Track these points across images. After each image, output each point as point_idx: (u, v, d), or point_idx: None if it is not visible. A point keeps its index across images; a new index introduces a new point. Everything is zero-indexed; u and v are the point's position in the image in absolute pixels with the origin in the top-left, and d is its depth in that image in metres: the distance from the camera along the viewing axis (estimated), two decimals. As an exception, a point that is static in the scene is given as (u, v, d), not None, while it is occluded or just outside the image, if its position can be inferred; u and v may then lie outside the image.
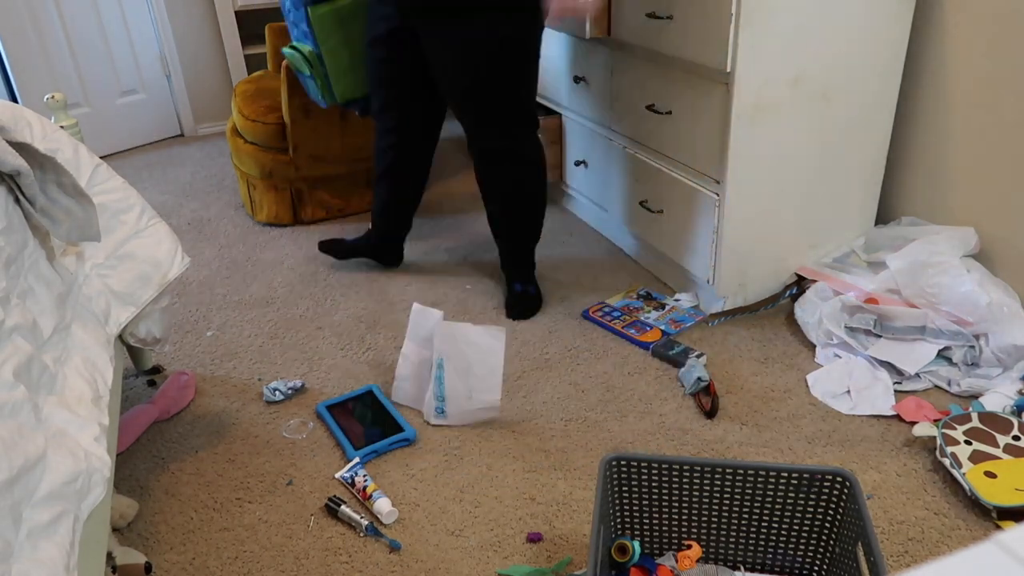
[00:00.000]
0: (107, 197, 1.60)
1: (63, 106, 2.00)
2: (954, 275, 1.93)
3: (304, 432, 1.86)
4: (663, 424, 1.83)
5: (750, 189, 2.04)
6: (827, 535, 1.33)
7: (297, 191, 2.93)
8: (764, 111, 1.95)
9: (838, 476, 1.28)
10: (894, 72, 2.11)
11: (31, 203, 1.34)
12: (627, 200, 2.46)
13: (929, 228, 2.15)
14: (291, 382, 1.99)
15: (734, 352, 2.08)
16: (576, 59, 2.62)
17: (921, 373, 1.90)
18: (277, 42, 3.37)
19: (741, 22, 1.82)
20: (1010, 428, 1.66)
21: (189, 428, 1.89)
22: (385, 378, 2.03)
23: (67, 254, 1.49)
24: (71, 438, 1.16)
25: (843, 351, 1.99)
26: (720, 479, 1.32)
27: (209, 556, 1.53)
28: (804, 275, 2.22)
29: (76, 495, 1.09)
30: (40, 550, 0.99)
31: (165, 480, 1.73)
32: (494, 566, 1.48)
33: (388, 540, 1.54)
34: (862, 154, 2.17)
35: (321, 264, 2.66)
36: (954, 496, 1.58)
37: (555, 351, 2.12)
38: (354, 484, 1.65)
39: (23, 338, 1.18)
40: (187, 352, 2.19)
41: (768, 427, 1.80)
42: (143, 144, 4.01)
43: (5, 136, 1.32)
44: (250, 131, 2.85)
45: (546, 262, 2.59)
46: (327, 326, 2.29)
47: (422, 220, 2.96)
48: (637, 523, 1.41)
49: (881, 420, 1.80)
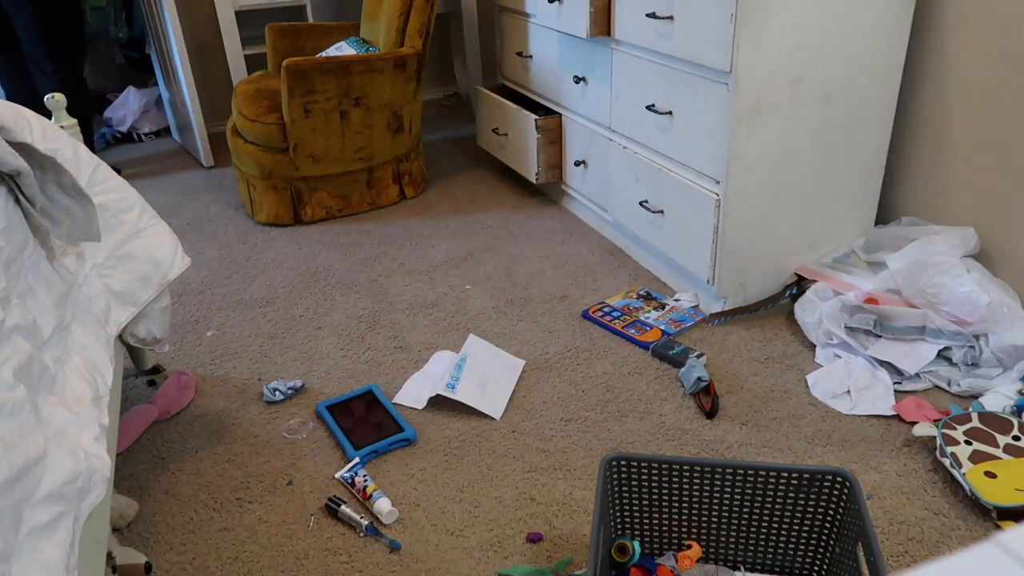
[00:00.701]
0: (107, 197, 1.60)
1: (63, 106, 2.00)
2: (954, 275, 1.93)
3: (304, 432, 1.86)
4: (663, 424, 1.83)
5: (750, 189, 2.04)
6: (827, 535, 1.33)
7: (297, 191, 2.93)
8: (764, 111, 1.95)
9: (838, 476, 1.28)
10: (894, 72, 2.11)
11: (31, 203, 1.34)
12: (627, 200, 2.46)
13: (929, 228, 2.15)
14: (291, 382, 1.99)
15: (734, 352, 2.08)
16: (576, 59, 2.62)
17: (921, 373, 1.90)
18: (277, 42, 3.37)
19: (741, 22, 1.82)
20: (1010, 428, 1.66)
21: (189, 428, 1.89)
22: (385, 378, 2.04)
23: (67, 254, 1.48)
24: (71, 438, 1.16)
25: (843, 351, 1.99)
26: (720, 479, 1.32)
27: (209, 556, 1.53)
28: (804, 275, 2.22)
29: (76, 495, 1.09)
30: (40, 550, 0.99)
31: (165, 480, 1.73)
32: (494, 566, 1.48)
33: (388, 540, 1.54)
34: (862, 154, 2.17)
35: (321, 264, 2.66)
36: (954, 496, 1.58)
37: (555, 351, 2.12)
38: (354, 484, 1.65)
39: (23, 338, 1.18)
40: (187, 352, 2.19)
41: (768, 427, 1.80)
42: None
43: (5, 136, 1.32)
44: (250, 131, 2.85)
45: (546, 262, 2.59)
46: (327, 326, 2.29)
47: (422, 220, 2.96)
48: (637, 523, 1.41)
49: (881, 420, 1.80)
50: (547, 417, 1.87)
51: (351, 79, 2.81)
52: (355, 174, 3.00)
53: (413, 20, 2.96)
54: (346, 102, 2.84)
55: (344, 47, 3.15)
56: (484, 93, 3.23)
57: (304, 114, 2.79)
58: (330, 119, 2.84)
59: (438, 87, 4.60)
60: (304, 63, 2.73)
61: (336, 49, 3.15)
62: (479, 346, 2.08)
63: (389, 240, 2.81)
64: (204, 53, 3.99)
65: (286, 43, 3.38)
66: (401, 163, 3.11)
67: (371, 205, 3.08)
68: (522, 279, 2.49)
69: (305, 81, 2.74)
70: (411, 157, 3.15)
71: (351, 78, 2.81)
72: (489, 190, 3.20)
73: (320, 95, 2.78)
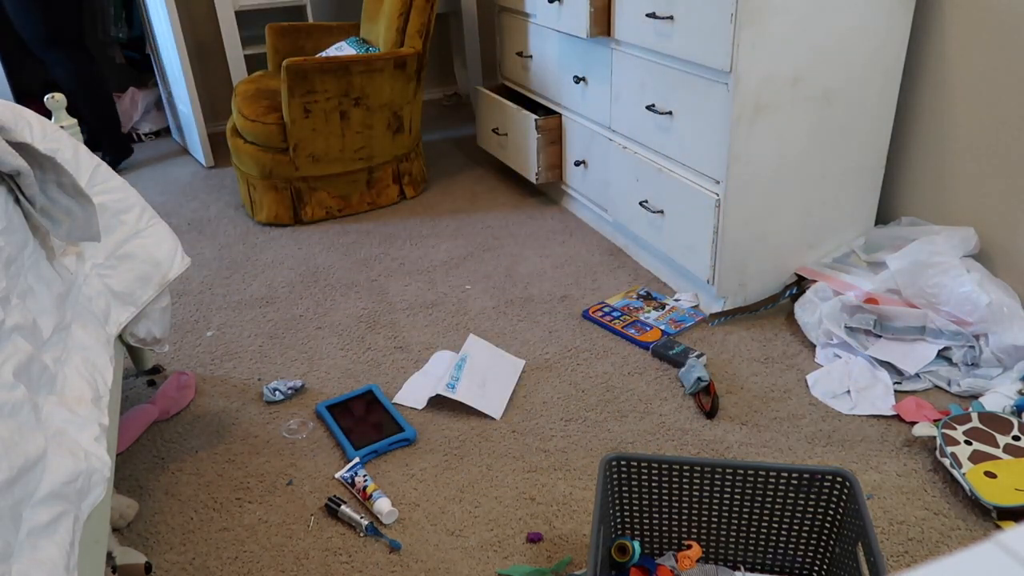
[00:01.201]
0: (107, 197, 1.60)
1: (63, 106, 2.00)
2: (954, 275, 1.93)
3: (304, 432, 1.86)
4: (663, 424, 1.83)
5: (750, 189, 2.04)
6: (827, 535, 1.33)
7: (297, 191, 2.93)
8: (764, 111, 1.95)
9: (838, 476, 1.28)
10: (894, 72, 2.11)
11: (31, 203, 1.34)
12: (627, 200, 2.46)
13: (929, 228, 2.15)
14: (291, 382, 1.99)
15: (734, 352, 2.08)
16: (576, 59, 2.62)
17: (921, 373, 1.90)
18: (277, 42, 3.37)
19: (741, 22, 1.82)
20: (1010, 428, 1.66)
21: (189, 428, 1.89)
22: (385, 378, 2.04)
23: (67, 254, 1.48)
24: (71, 438, 1.16)
25: (843, 351, 1.99)
26: (720, 479, 1.32)
27: (209, 556, 1.53)
28: (804, 275, 2.22)
29: (76, 495, 1.09)
30: (40, 550, 0.99)
31: (165, 480, 1.73)
32: (494, 566, 1.48)
33: (388, 540, 1.54)
34: (862, 154, 2.17)
35: (321, 264, 2.66)
36: (954, 496, 1.58)
37: (555, 351, 2.12)
38: (354, 484, 1.65)
39: (23, 338, 1.18)
40: (187, 352, 2.19)
41: (768, 427, 1.80)
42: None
43: (5, 136, 1.32)
44: (250, 131, 2.85)
45: (546, 262, 2.59)
46: (327, 326, 2.29)
47: (422, 220, 2.96)
48: (637, 523, 1.41)
49: (881, 420, 1.80)
50: (547, 417, 1.87)
51: (351, 79, 2.81)
52: (355, 174, 3.00)
53: (413, 20, 2.96)
54: (346, 102, 2.84)
55: (344, 47, 3.15)
56: (484, 93, 3.23)
57: (304, 114, 2.79)
58: (330, 119, 2.84)
59: (438, 87, 4.60)
60: (304, 63, 2.73)
61: (336, 49, 3.15)
62: (479, 346, 2.08)
63: (389, 240, 2.81)
64: (204, 53, 3.99)
65: (286, 43, 3.38)
66: (401, 163, 3.11)
67: (371, 205, 3.08)
68: (522, 279, 2.50)
69: (305, 81, 2.74)
70: (411, 157, 3.15)
71: (351, 78, 2.81)
72: (489, 190, 3.20)
73: (320, 95, 2.78)
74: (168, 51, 3.49)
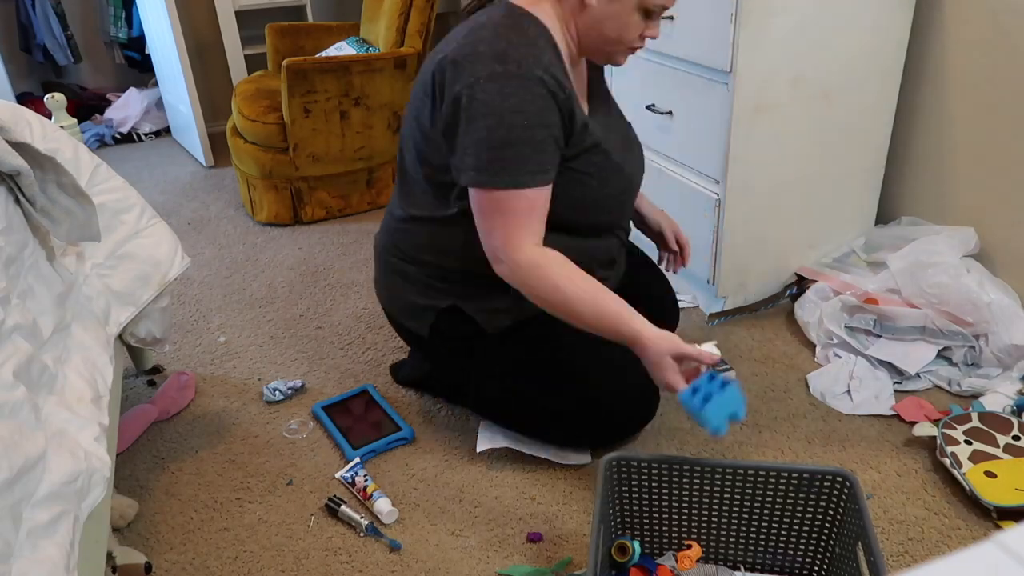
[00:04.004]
0: (107, 197, 1.60)
1: (63, 106, 2.00)
2: (954, 275, 1.93)
3: (304, 432, 1.86)
4: (663, 424, 1.83)
5: (750, 189, 2.04)
6: (827, 535, 1.33)
7: (297, 191, 2.93)
8: (764, 111, 1.95)
9: (838, 476, 1.27)
10: (894, 72, 2.11)
11: (31, 203, 1.34)
12: (627, 200, 2.46)
13: (929, 228, 2.15)
14: (291, 382, 1.99)
15: (734, 352, 2.08)
16: (576, 59, 2.61)
17: (921, 373, 1.90)
18: (277, 42, 3.38)
19: (741, 22, 1.82)
20: (1010, 428, 1.66)
21: (189, 428, 1.89)
22: (385, 378, 2.03)
23: (67, 254, 1.49)
24: (71, 438, 1.16)
25: (843, 351, 1.99)
26: (720, 479, 1.32)
27: (209, 556, 1.53)
28: (804, 275, 2.22)
29: (76, 495, 1.09)
30: (40, 550, 0.99)
31: (165, 480, 1.73)
32: (494, 566, 1.48)
33: (388, 540, 1.54)
34: (862, 154, 2.17)
35: (321, 264, 2.66)
36: (954, 496, 1.58)
37: (555, 351, 2.12)
38: (354, 484, 1.65)
39: (23, 338, 1.18)
40: (187, 352, 2.19)
41: (768, 427, 1.80)
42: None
43: (5, 136, 1.32)
44: (250, 131, 2.85)
45: (546, 262, 2.59)
46: (327, 326, 2.29)
47: (422, 220, 2.95)
48: (637, 523, 1.41)
49: (881, 420, 1.80)
50: (547, 417, 1.87)
51: (351, 79, 2.81)
52: (355, 174, 3.00)
53: (413, 20, 2.96)
54: (346, 102, 2.84)
55: (344, 47, 3.15)
56: (484, 93, 3.22)
57: (304, 114, 2.79)
58: (330, 119, 2.84)
59: (438, 87, 4.59)
60: (304, 63, 2.73)
61: (336, 49, 3.15)
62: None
63: (389, 240, 2.80)
64: (204, 53, 3.99)
65: (286, 43, 3.38)
66: (401, 163, 3.11)
67: (371, 205, 3.08)
68: (522, 279, 2.49)
69: (305, 81, 2.74)
70: (411, 157, 3.15)
71: (351, 78, 2.81)
72: (489, 190, 3.19)
73: (320, 95, 2.78)
74: (167, 51, 3.49)
